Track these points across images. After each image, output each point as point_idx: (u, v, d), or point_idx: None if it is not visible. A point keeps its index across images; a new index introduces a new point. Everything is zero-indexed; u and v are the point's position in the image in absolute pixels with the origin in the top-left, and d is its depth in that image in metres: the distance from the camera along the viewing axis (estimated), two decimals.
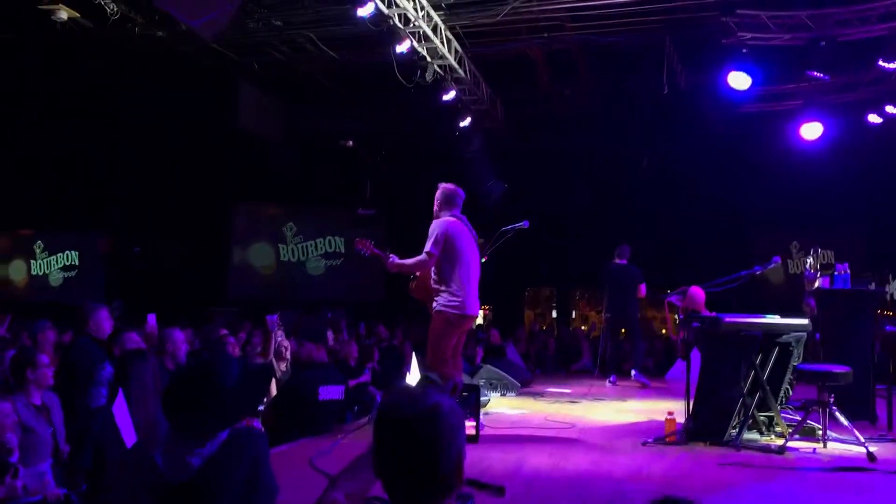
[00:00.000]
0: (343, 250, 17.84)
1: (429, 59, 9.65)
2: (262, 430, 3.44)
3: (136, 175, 15.92)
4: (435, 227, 5.51)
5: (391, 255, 5.63)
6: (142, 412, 3.76)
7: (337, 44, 10.66)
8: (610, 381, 9.58)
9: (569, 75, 12.21)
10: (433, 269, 5.53)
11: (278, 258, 17.51)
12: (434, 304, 5.54)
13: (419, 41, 9.24)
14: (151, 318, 7.71)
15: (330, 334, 9.85)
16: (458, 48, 10.22)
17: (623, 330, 10.57)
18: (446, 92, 10.63)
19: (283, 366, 7.01)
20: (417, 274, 5.85)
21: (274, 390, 5.97)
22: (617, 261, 9.93)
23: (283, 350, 6.99)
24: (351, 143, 15.13)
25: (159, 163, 15.59)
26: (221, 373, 2.31)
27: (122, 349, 5.02)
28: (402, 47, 8.97)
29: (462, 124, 11.89)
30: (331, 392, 5.35)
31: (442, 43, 9.59)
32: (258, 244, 17.51)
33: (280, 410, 5.22)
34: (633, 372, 9.73)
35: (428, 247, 5.43)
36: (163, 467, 2.25)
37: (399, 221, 16.32)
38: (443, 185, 5.90)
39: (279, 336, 6.91)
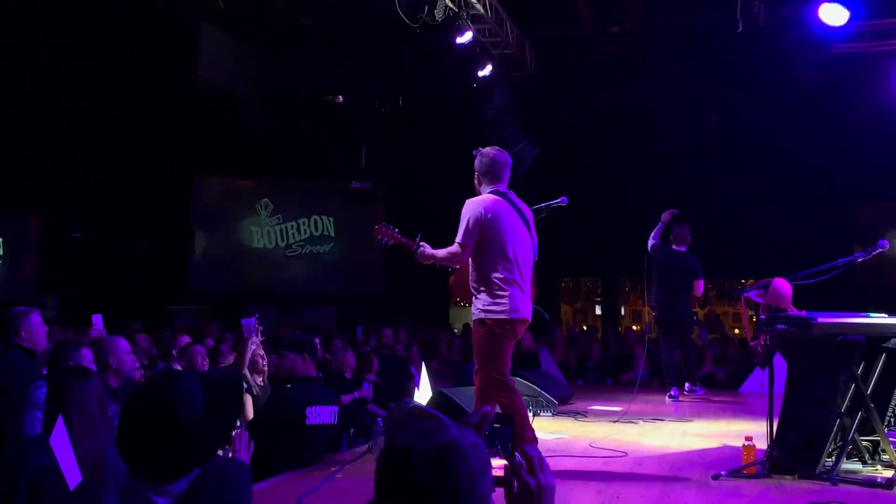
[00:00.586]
0: (332, 233, 17.84)
1: None
2: (246, 462, 3.43)
3: (73, 142, 15.92)
4: (466, 211, 5.35)
5: (422, 243, 5.57)
6: (86, 445, 3.76)
7: None
8: (670, 397, 9.61)
9: (616, 10, 12.12)
10: (470, 262, 5.44)
11: (251, 243, 17.55)
12: (472, 309, 5.46)
13: None
14: (97, 320, 7.73)
15: (317, 340, 9.87)
16: None
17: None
18: (461, 33, 10.58)
19: (259, 380, 7.02)
20: (456, 267, 5.79)
21: (250, 412, 5.97)
22: (673, 246, 9.93)
23: (260, 361, 7.00)
24: (341, 99, 15.09)
25: (102, 126, 15.62)
26: (182, 401, 2.28)
27: (59, 365, 5.03)
28: None
29: (481, 74, 11.84)
30: (320, 414, 5.35)
31: None
32: (226, 226, 17.55)
33: (258, 438, 5.22)
34: (686, 385, 9.80)
35: (459, 236, 5.34)
36: None
37: (401, 197, 16.31)
38: (482, 151, 5.65)
39: (255, 343, 6.90)
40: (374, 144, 15.60)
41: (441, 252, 5.51)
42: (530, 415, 8.23)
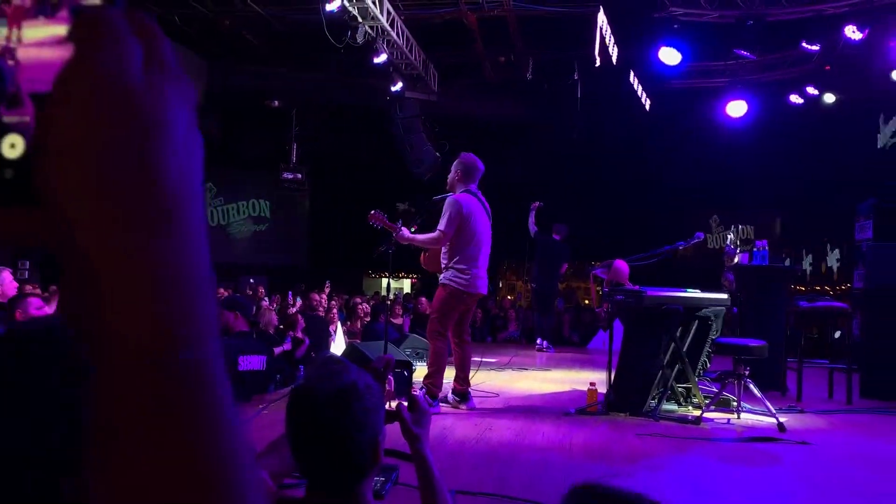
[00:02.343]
0: (269, 215, 17.53)
1: (360, 19, 9.45)
2: None
3: None
4: (450, 205, 5.45)
5: (402, 227, 5.57)
6: None
7: None
8: (540, 349, 10.13)
9: (503, 44, 12.18)
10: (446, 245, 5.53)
11: None
12: (441, 276, 5.56)
13: (349, 0, 9.03)
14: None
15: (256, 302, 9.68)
16: (391, 9, 10.05)
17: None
18: (377, 54, 10.46)
19: None
20: (429, 249, 5.81)
21: None
22: (554, 236, 10.27)
23: None
24: (277, 103, 14.75)
25: None
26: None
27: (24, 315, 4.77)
28: (332, 5, 8.77)
29: (394, 89, 11.74)
30: (251, 362, 5.25)
31: (374, 3, 9.40)
32: None
33: None
34: (538, 339, 10.34)
35: (442, 225, 5.41)
36: None
37: (325, 187, 16.11)
38: (463, 156, 5.79)
39: None
40: (304, 143, 15.34)
41: (423, 236, 5.57)
42: (424, 364, 8.33)
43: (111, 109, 0.38)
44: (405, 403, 1.96)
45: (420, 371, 7.64)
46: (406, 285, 18.88)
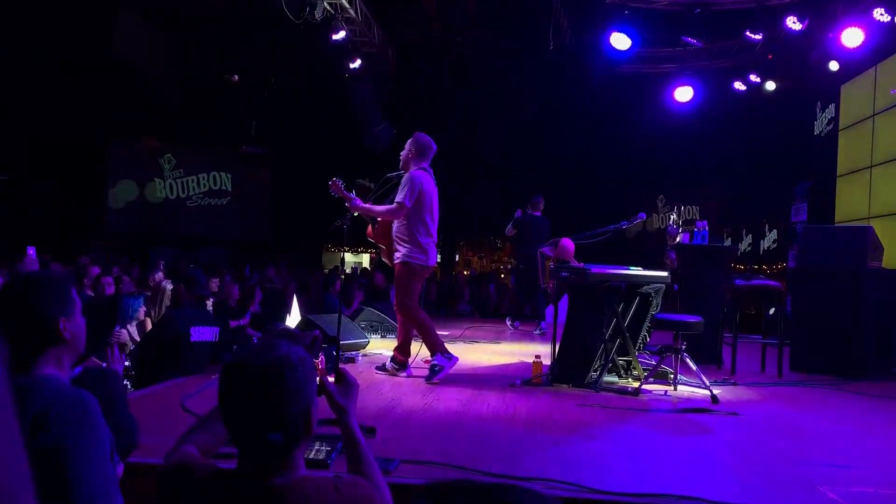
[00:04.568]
0: (229, 188, 17.21)
1: None
2: (115, 370, 3.24)
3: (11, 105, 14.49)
4: (410, 180, 5.45)
5: (355, 197, 5.51)
6: None
7: None
8: (514, 326, 9.79)
9: (461, 23, 12.07)
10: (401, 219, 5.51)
11: (157, 193, 16.70)
12: (396, 254, 5.55)
13: None
14: (31, 251, 7.21)
15: (214, 283, 9.50)
16: None
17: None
18: (336, 31, 10.27)
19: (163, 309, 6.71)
20: (379, 220, 5.73)
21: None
22: (530, 211, 9.63)
23: (166, 292, 6.67)
24: (236, 77, 14.43)
25: (27, 93, 14.26)
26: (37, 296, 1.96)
27: None
28: None
29: (352, 66, 11.56)
30: (203, 333, 5.15)
31: None
32: (135, 178, 16.61)
33: (149, 350, 4.99)
34: (514, 322, 9.91)
35: (401, 197, 5.39)
36: None
37: (285, 161, 15.88)
38: (417, 135, 5.74)
39: (158, 278, 6.58)
40: (264, 118, 15.06)
41: (380, 207, 5.54)
42: (378, 337, 8.31)
43: None
44: (331, 378, 1.97)
45: (374, 344, 7.63)
46: (365, 260, 18.79)
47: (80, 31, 11.85)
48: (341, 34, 10.37)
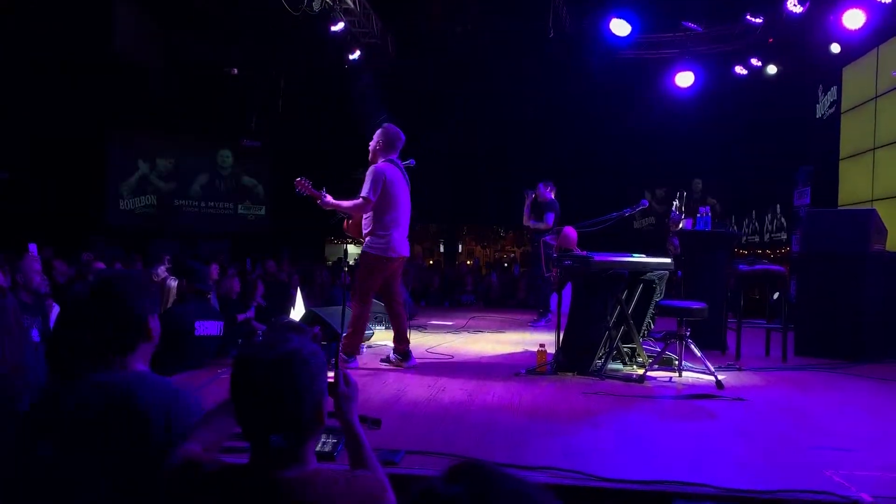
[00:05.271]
0: (230, 182, 17.21)
1: None
2: None
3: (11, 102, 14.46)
4: (373, 173, 5.48)
5: (324, 194, 5.55)
6: (6, 350, 3.48)
7: None
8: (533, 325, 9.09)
9: (461, 13, 12.02)
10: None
11: (157, 188, 16.70)
12: (364, 245, 5.61)
13: None
14: (33, 248, 7.22)
15: (215, 268, 9.51)
16: None
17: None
18: (334, 23, 10.23)
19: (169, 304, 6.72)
20: (352, 215, 5.77)
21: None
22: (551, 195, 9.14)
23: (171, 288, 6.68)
24: (236, 71, 14.39)
25: (25, 91, 14.24)
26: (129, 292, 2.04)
27: None
28: None
29: (352, 58, 11.53)
30: (208, 327, 5.17)
31: None
32: (136, 174, 16.61)
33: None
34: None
35: (365, 191, 5.44)
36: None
37: (284, 154, 15.87)
38: (385, 127, 5.76)
39: (161, 272, 6.59)
40: (263, 111, 15.04)
41: (346, 202, 5.56)
42: (382, 327, 8.32)
43: None
44: (330, 374, 1.99)
45: (378, 335, 7.65)
46: None
47: (79, 28, 11.81)
48: (340, 25, 10.34)
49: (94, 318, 1.98)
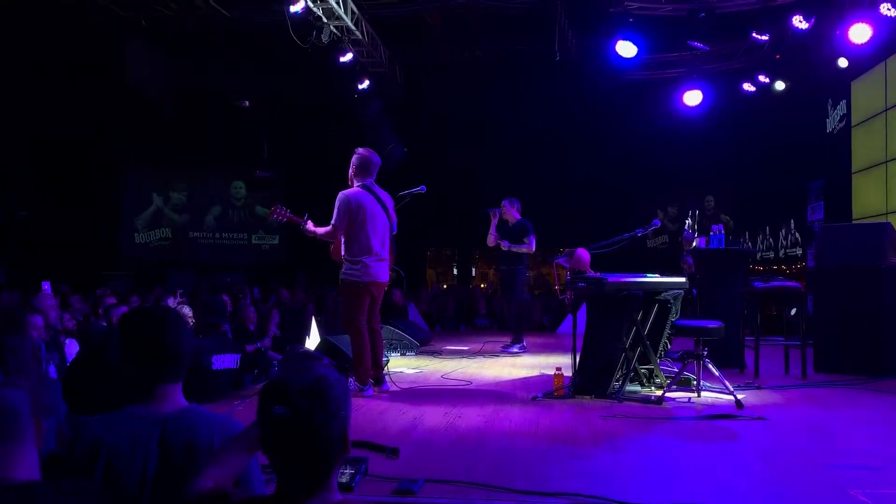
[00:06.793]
0: (244, 212, 17.35)
1: (324, 19, 9.35)
2: None
3: (18, 136, 14.69)
4: (338, 200, 5.51)
5: (308, 220, 5.61)
6: (24, 385, 3.52)
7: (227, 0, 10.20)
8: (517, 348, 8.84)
9: (467, 40, 12.14)
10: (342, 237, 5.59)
11: (172, 221, 16.85)
12: (340, 272, 5.64)
13: (314, 1, 8.92)
14: (46, 286, 7.28)
15: (228, 300, 9.55)
16: (355, 9, 9.96)
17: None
18: (343, 54, 10.36)
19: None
20: (332, 241, 5.82)
21: None
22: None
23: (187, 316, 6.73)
24: (247, 103, 14.58)
25: (40, 124, 14.48)
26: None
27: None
28: (296, 7, 8.66)
29: (361, 87, 11.65)
30: (225, 361, 5.20)
31: (338, 3, 9.30)
32: (151, 207, 16.79)
33: None
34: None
35: (333, 219, 5.50)
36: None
37: (298, 183, 15.98)
38: (358, 152, 5.79)
39: (172, 304, 6.65)
40: (275, 141, 15.20)
41: (320, 230, 5.64)
42: (397, 355, 8.31)
43: None
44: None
45: (394, 362, 7.65)
46: None
47: (92, 62, 12.03)
48: (348, 56, 10.47)
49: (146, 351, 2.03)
